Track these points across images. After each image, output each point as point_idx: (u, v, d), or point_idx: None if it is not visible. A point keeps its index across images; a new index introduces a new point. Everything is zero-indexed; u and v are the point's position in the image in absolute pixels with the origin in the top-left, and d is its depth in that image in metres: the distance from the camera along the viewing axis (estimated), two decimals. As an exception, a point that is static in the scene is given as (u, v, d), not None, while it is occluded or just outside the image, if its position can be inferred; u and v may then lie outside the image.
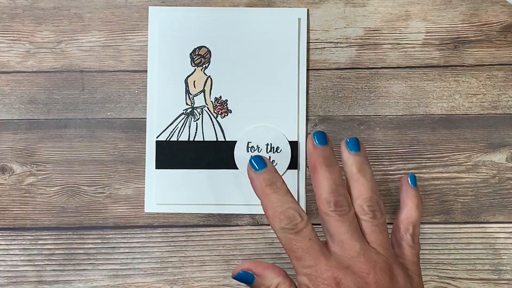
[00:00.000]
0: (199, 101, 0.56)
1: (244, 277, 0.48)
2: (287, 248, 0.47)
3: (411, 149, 0.56)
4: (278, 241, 0.55)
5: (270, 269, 0.48)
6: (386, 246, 0.47)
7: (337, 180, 0.48)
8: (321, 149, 0.49)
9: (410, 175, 0.51)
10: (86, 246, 0.56)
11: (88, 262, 0.56)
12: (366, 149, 0.56)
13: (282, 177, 0.48)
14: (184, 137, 0.56)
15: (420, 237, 0.55)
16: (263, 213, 0.55)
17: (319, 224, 0.49)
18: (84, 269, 0.56)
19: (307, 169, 0.56)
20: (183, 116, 0.56)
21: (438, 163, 0.56)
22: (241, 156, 0.56)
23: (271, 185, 0.48)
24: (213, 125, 0.56)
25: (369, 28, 0.57)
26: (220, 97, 0.56)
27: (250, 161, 0.49)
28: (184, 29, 0.57)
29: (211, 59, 0.56)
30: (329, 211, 0.47)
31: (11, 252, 0.56)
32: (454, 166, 0.56)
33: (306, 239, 0.46)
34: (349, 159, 0.49)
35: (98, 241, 0.56)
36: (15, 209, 0.56)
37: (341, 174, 0.49)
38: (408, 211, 0.50)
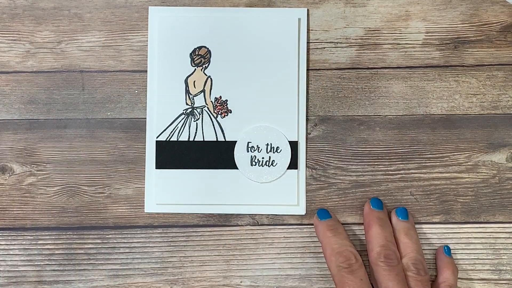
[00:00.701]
0: (199, 101, 0.56)
1: None
2: (339, 285, 0.51)
3: (411, 149, 0.56)
4: (278, 241, 0.55)
5: None
6: None
7: (388, 238, 0.53)
8: (376, 212, 0.54)
9: (445, 247, 0.55)
10: (86, 246, 0.56)
11: (88, 262, 0.56)
12: (366, 149, 0.56)
13: (282, 176, 0.49)
14: (184, 137, 0.56)
15: (420, 237, 0.55)
16: (263, 213, 0.55)
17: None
18: (84, 269, 0.55)
19: (307, 169, 0.56)
20: (183, 116, 0.56)
21: (438, 163, 0.56)
22: (241, 156, 0.56)
23: (333, 229, 0.53)
24: (213, 125, 0.56)
25: (369, 28, 0.57)
26: (220, 97, 0.56)
27: (317, 212, 0.55)
28: (184, 29, 0.57)
29: (211, 59, 0.56)
30: (379, 261, 0.51)
31: (11, 252, 0.56)
32: (454, 166, 0.56)
33: (358, 279, 0.51)
34: (398, 225, 0.55)
35: (98, 241, 0.56)
36: (15, 209, 0.56)
37: (392, 235, 0.54)
38: (445, 275, 0.54)
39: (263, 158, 0.56)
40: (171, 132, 0.56)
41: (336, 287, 0.51)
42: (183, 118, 0.56)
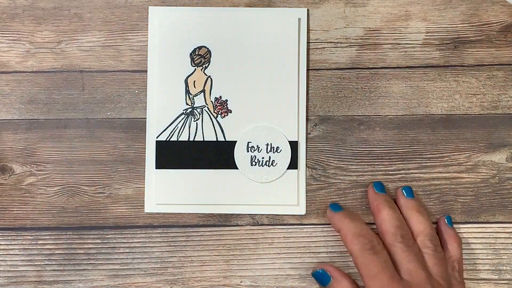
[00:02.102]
0: (199, 101, 0.56)
1: (322, 276, 0.54)
2: (363, 266, 0.50)
3: (411, 149, 0.56)
4: (278, 241, 0.55)
5: (347, 278, 0.53)
6: (446, 278, 0.51)
7: (400, 218, 0.53)
8: (382, 195, 0.55)
9: (447, 216, 0.55)
10: (86, 246, 0.56)
11: (88, 262, 0.56)
12: (366, 149, 0.56)
13: (282, 176, 0.49)
14: (184, 137, 0.56)
15: (420, 237, 0.55)
16: (263, 213, 0.55)
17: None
18: (84, 269, 0.56)
19: (307, 169, 0.56)
20: (183, 116, 0.56)
21: (438, 163, 0.56)
22: (241, 156, 0.56)
23: (350, 216, 0.53)
24: (213, 125, 0.56)
25: (369, 28, 0.57)
26: (220, 97, 0.56)
27: (329, 206, 0.55)
28: (184, 29, 0.57)
29: (211, 59, 0.56)
30: (396, 242, 0.52)
31: (11, 252, 0.56)
32: (454, 166, 0.56)
33: (382, 260, 0.50)
34: (407, 203, 0.54)
35: (98, 241, 0.56)
36: (15, 209, 0.56)
37: (402, 216, 0.54)
38: (451, 250, 0.54)
39: (263, 158, 0.56)
40: (171, 132, 0.56)
41: (359, 270, 0.50)
42: (183, 118, 0.56)
